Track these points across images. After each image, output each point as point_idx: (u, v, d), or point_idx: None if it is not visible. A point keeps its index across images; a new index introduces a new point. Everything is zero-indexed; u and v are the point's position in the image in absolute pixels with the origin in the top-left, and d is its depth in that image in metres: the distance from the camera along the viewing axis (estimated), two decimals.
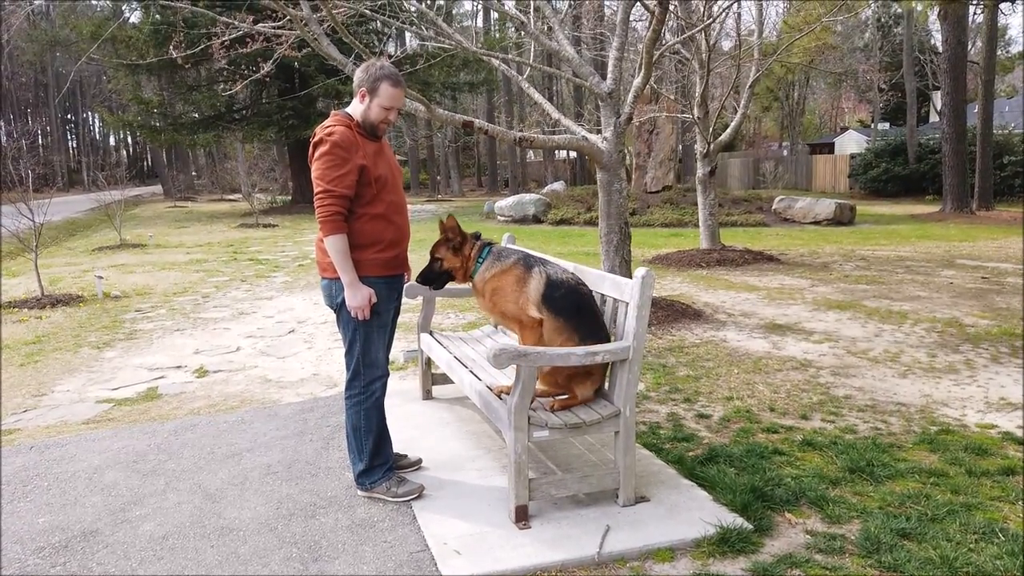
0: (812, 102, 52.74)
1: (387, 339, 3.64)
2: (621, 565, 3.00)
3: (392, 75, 3.40)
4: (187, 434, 4.60)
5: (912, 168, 28.58)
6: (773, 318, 7.62)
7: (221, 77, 27.42)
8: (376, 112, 3.43)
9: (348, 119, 3.45)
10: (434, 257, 3.76)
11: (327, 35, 6.64)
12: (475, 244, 3.75)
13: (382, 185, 3.43)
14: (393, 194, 3.50)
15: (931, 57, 37.17)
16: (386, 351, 3.63)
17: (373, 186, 3.39)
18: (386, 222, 3.45)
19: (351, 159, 3.33)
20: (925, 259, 12.06)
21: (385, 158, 3.52)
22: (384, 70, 3.41)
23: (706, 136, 11.33)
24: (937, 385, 5.35)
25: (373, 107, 3.43)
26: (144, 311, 9.01)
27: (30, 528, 3.45)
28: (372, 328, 3.49)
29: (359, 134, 3.43)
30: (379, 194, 3.42)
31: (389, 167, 3.52)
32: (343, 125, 3.39)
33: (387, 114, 3.45)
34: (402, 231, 3.55)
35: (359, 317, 3.42)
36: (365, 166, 3.36)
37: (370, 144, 3.45)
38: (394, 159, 3.66)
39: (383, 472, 3.61)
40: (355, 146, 3.36)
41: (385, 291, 3.50)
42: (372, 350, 3.53)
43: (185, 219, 26.21)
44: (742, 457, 3.99)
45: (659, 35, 6.61)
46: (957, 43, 20.39)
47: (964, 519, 3.29)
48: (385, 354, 3.62)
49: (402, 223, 3.55)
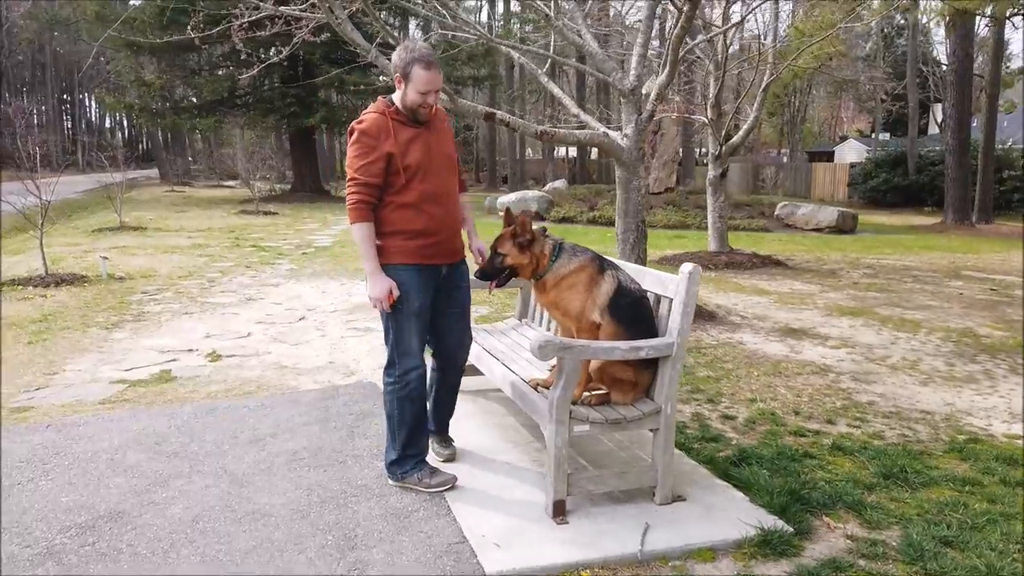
0: (812, 110, 52.87)
1: (422, 330, 3.51)
2: (663, 564, 2.96)
3: (423, 57, 3.29)
4: (207, 417, 4.53)
5: (912, 179, 28.67)
6: (787, 322, 7.60)
7: (228, 62, 27.25)
8: (412, 97, 3.34)
9: (387, 106, 3.40)
10: (496, 252, 3.54)
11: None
12: (547, 242, 3.56)
13: (412, 173, 3.35)
14: (429, 183, 3.38)
15: (934, 69, 37.32)
16: (422, 342, 3.52)
17: (402, 175, 3.33)
18: (415, 211, 3.37)
19: (378, 147, 3.30)
20: (931, 269, 12.07)
21: (424, 144, 3.40)
22: (415, 52, 3.31)
23: (718, 138, 11.30)
24: (959, 394, 5.34)
25: (409, 92, 3.35)
26: (150, 293, 8.91)
27: (54, 507, 3.38)
28: (403, 317, 3.42)
29: (397, 120, 3.37)
30: (409, 183, 3.35)
31: (428, 154, 3.39)
32: (377, 112, 3.37)
33: (424, 98, 3.34)
34: (437, 220, 3.42)
35: (377, 308, 3.37)
36: (392, 154, 3.31)
37: (408, 130, 3.38)
38: (444, 144, 3.51)
39: (414, 463, 3.55)
40: (385, 133, 3.32)
41: (415, 280, 3.41)
42: (405, 339, 3.45)
43: (183, 204, 25.99)
44: (773, 459, 3.96)
45: (686, 32, 6.57)
46: (964, 56, 20.45)
47: (1005, 528, 3.26)
48: (420, 345, 3.52)
49: (438, 212, 3.42)
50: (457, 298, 3.60)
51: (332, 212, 23.36)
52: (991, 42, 23.04)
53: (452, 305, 3.59)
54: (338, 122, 28.32)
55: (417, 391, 3.49)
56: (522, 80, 41.56)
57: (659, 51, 10.59)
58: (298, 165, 29.31)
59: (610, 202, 21.22)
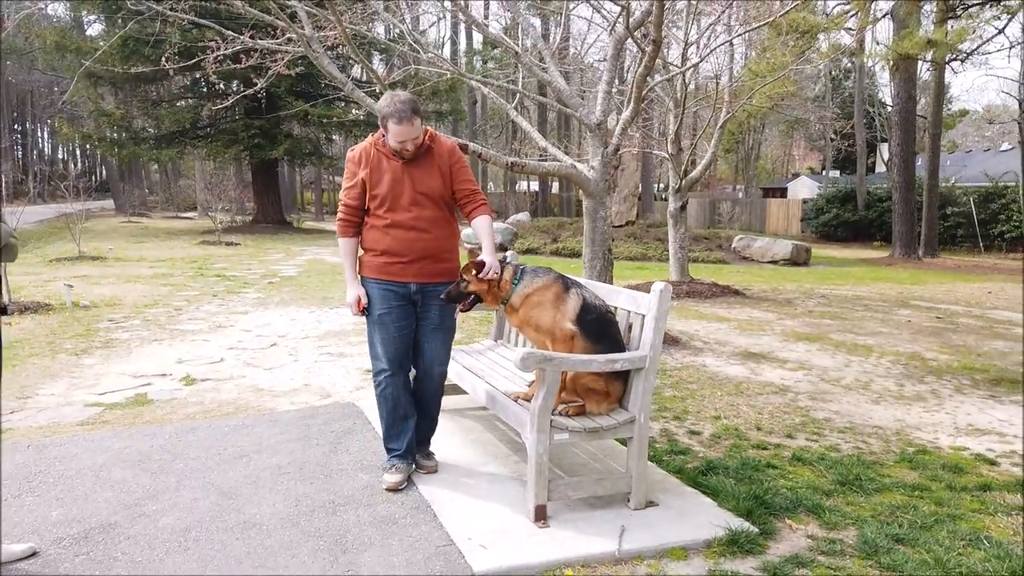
0: (765, 148, 54.50)
1: (389, 337, 3.77)
2: (639, 562, 3.15)
3: (396, 112, 3.53)
4: (189, 436, 4.60)
5: (861, 215, 29.75)
6: (747, 347, 7.91)
7: (190, 93, 27.25)
8: (391, 142, 3.65)
9: (378, 138, 3.74)
10: (462, 278, 3.76)
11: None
12: (508, 268, 3.79)
13: (380, 203, 3.70)
14: (398, 212, 3.68)
15: (879, 110, 38.89)
16: (391, 348, 3.77)
17: (371, 201, 3.71)
18: (383, 233, 3.73)
19: (357, 173, 3.72)
20: (881, 299, 12.59)
21: (399, 177, 3.67)
22: (391, 107, 3.55)
23: (679, 172, 11.72)
24: (908, 411, 5.65)
25: (388, 138, 3.65)
26: (117, 321, 8.89)
27: (44, 520, 3.44)
28: (370, 323, 3.83)
29: (382, 152, 3.70)
30: (376, 209, 3.71)
31: (401, 186, 3.67)
32: (369, 142, 3.73)
33: (401, 145, 3.63)
34: (404, 244, 3.71)
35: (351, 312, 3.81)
36: (364, 180, 3.69)
37: (390, 163, 3.68)
38: (428, 179, 3.70)
39: (389, 456, 3.89)
40: (365, 161, 3.70)
41: (377, 292, 3.76)
42: (373, 343, 3.84)
43: (141, 234, 25.70)
44: (738, 469, 4.19)
45: (649, 71, 6.92)
46: (908, 98, 21.47)
47: (951, 528, 3.52)
48: (387, 351, 3.78)
49: (406, 237, 3.70)
50: (431, 315, 3.80)
51: (295, 243, 23.36)
52: (932, 85, 24.23)
53: (427, 321, 3.82)
54: (301, 154, 28.44)
55: (386, 392, 3.81)
56: (484, 115, 42.20)
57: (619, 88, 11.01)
58: (260, 196, 29.24)
59: (573, 234, 21.65)
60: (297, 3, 6.61)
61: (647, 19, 7.07)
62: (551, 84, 7.75)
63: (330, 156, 31.64)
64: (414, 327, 3.83)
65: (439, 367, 3.92)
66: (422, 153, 3.69)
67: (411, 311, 3.80)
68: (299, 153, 28.17)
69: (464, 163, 3.81)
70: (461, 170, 3.80)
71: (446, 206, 3.78)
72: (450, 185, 3.76)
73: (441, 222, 3.75)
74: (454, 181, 3.76)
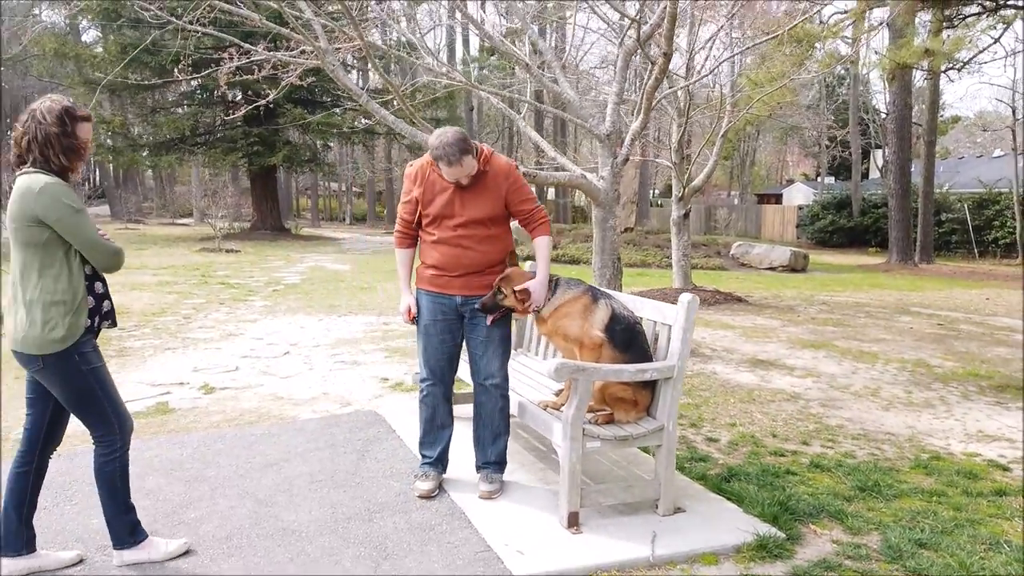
0: (760, 155, 54.84)
1: (432, 347, 3.90)
2: (672, 567, 3.24)
3: (445, 156, 3.60)
4: (217, 445, 4.67)
5: (856, 221, 29.99)
6: (754, 354, 8.02)
7: (188, 100, 27.30)
8: (445, 177, 3.73)
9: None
10: (499, 290, 3.79)
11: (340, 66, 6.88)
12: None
13: (431, 220, 3.83)
14: (445, 230, 3.78)
15: (873, 117, 39.19)
16: (432, 359, 3.90)
17: (424, 218, 3.83)
18: (431, 248, 3.85)
19: (412, 191, 3.83)
20: (881, 306, 12.73)
21: (452, 199, 3.75)
22: (439, 150, 3.61)
23: (682, 180, 11.85)
24: (919, 418, 5.76)
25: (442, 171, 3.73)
26: (128, 329, 8.94)
27: (86, 528, 3.51)
28: (418, 331, 3.96)
29: (437, 173, 3.77)
30: (427, 226, 3.84)
31: (452, 207, 3.75)
32: (427, 160, 3.80)
33: (455, 180, 3.72)
34: (450, 259, 3.79)
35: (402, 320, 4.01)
36: (417, 199, 3.81)
37: (445, 184, 3.76)
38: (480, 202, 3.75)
39: (421, 462, 4.01)
40: (420, 180, 3.80)
41: (425, 302, 3.89)
42: (420, 350, 3.98)
43: (140, 241, 25.71)
44: (758, 476, 4.28)
45: (660, 83, 7.03)
46: (904, 105, 21.69)
47: (971, 532, 3.62)
48: (427, 360, 3.92)
49: (452, 253, 3.79)
50: (479, 328, 3.86)
51: (295, 250, 23.42)
52: (927, 93, 24.47)
53: (475, 334, 3.88)
54: (299, 161, 28.52)
55: (426, 399, 3.96)
56: (480, 122, 42.32)
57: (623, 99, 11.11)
58: (259, 203, 29.27)
59: (572, 240, 21.77)
60: (313, 17, 6.70)
61: (656, 31, 7.19)
62: (561, 95, 7.86)
63: (328, 163, 31.69)
64: (459, 341, 3.92)
65: (493, 380, 3.89)
66: (476, 177, 3.74)
67: (457, 325, 3.88)
68: (297, 160, 28.25)
69: (520, 183, 3.84)
70: (518, 191, 3.82)
71: (496, 224, 3.83)
72: (505, 206, 3.81)
73: (488, 240, 3.81)
74: (511, 203, 3.81)
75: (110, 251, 2.97)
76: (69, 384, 2.98)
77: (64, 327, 2.90)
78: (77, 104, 2.99)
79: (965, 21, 14.29)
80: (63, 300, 2.90)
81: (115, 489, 3.13)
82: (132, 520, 3.19)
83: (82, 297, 2.96)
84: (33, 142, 2.87)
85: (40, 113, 2.88)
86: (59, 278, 2.90)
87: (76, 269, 2.94)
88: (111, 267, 3.02)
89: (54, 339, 2.90)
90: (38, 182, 2.84)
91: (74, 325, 2.93)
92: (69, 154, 2.92)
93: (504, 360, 3.93)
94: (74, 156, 2.94)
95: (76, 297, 2.93)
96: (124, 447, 3.14)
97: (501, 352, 3.90)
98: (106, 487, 3.12)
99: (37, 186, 2.83)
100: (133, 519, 3.19)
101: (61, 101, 2.92)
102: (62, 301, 2.90)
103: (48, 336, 2.89)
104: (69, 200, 2.86)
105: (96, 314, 3.06)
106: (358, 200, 56.48)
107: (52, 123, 2.86)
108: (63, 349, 2.91)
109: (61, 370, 2.95)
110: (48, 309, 2.89)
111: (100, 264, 2.99)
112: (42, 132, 2.86)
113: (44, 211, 2.82)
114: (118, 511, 3.15)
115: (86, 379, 2.99)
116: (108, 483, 3.12)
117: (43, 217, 2.83)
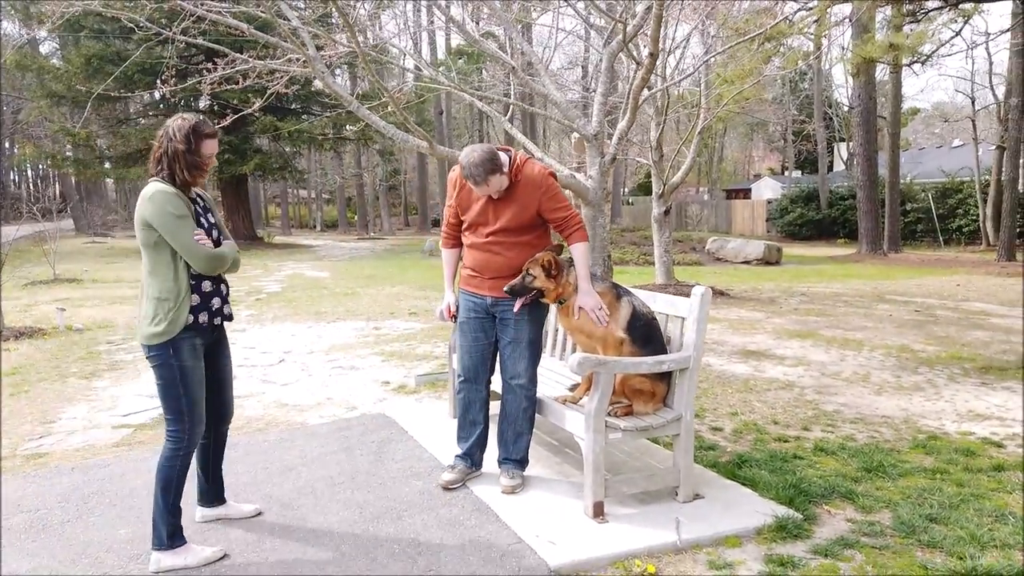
0: (727, 151, 55.58)
1: (466, 345, 4.07)
2: (698, 550, 3.34)
3: (472, 177, 3.73)
4: (231, 452, 4.63)
5: (825, 213, 30.57)
6: (744, 345, 8.19)
7: (154, 111, 26.95)
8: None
9: None
10: (528, 272, 3.84)
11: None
12: (572, 272, 3.90)
13: (467, 226, 4.04)
14: (477, 236, 3.97)
15: (836, 111, 39.93)
16: (466, 356, 4.06)
17: (462, 223, 4.07)
18: (469, 251, 4.07)
19: (450, 196, 4.06)
20: (857, 295, 13.02)
21: (484, 206, 3.89)
22: (467, 170, 3.73)
23: (661, 178, 12.02)
24: (910, 401, 5.95)
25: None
26: (116, 343, 8.86)
27: (114, 539, 3.53)
28: (456, 330, 4.20)
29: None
30: (466, 231, 4.08)
31: (485, 215, 3.90)
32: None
33: (486, 195, 3.87)
34: (482, 262, 3.96)
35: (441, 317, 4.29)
36: (454, 207, 4.06)
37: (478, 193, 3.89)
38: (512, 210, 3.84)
39: (457, 453, 4.12)
40: (456, 187, 4.00)
41: (463, 301, 4.11)
42: (457, 348, 4.21)
43: (110, 255, 25.35)
44: (767, 461, 4.41)
45: (646, 83, 7.16)
46: (868, 99, 22.16)
47: (976, 506, 3.78)
48: (462, 358, 4.11)
49: (483, 256, 3.95)
50: (507, 329, 3.95)
51: (270, 258, 23.28)
52: (890, 86, 25.03)
53: (504, 334, 3.98)
54: (271, 169, 28.29)
55: (460, 395, 4.14)
56: (449, 125, 42.33)
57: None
58: (231, 212, 28.99)
59: None
60: (302, 25, 6.72)
61: (638, 32, 7.32)
62: (547, 97, 7.96)
63: (300, 170, 31.46)
64: (493, 341, 4.02)
65: (518, 380, 3.94)
66: (509, 188, 3.82)
67: (490, 325, 3.99)
68: (269, 168, 28.03)
69: (554, 191, 3.87)
70: (552, 199, 3.86)
71: (527, 231, 3.90)
72: (539, 213, 3.87)
73: (518, 246, 3.89)
74: (544, 211, 3.86)
75: (201, 255, 3.19)
76: (159, 373, 3.23)
77: (165, 322, 3.15)
78: (204, 122, 3.25)
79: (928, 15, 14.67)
80: (167, 297, 3.16)
81: (169, 488, 3.24)
82: (176, 524, 3.27)
83: (184, 295, 3.19)
84: (164, 156, 3.20)
85: (172, 131, 3.19)
86: (166, 277, 3.17)
87: (180, 269, 3.19)
88: (208, 270, 3.24)
89: (156, 332, 3.16)
90: (150, 190, 3.15)
91: (174, 321, 3.17)
92: (192, 170, 3.23)
93: (532, 363, 3.97)
94: (196, 171, 3.26)
95: (179, 295, 3.18)
96: (190, 447, 3.29)
97: (529, 354, 3.95)
98: (162, 483, 3.24)
99: (148, 193, 3.15)
100: (177, 523, 3.28)
101: (191, 120, 3.23)
102: (167, 298, 3.16)
103: (151, 329, 3.16)
104: (171, 207, 3.13)
105: (204, 310, 3.28)
106: (328, 207, 56.19)
107: (180, 141, 3.18)
108: (161, 342, 3.16)
109: (157, 359, 3.20)
110: (155, 305, 3.17)
111: (196, 266, 3.21)
112: (171, 149, 3.18)
113: (151, 216, 3.12)
114: (166, 510, 3.25)
115: (172, 372, 3.20)
116: (165, 479, 3.24)
117: (150, 221, 3.12)
